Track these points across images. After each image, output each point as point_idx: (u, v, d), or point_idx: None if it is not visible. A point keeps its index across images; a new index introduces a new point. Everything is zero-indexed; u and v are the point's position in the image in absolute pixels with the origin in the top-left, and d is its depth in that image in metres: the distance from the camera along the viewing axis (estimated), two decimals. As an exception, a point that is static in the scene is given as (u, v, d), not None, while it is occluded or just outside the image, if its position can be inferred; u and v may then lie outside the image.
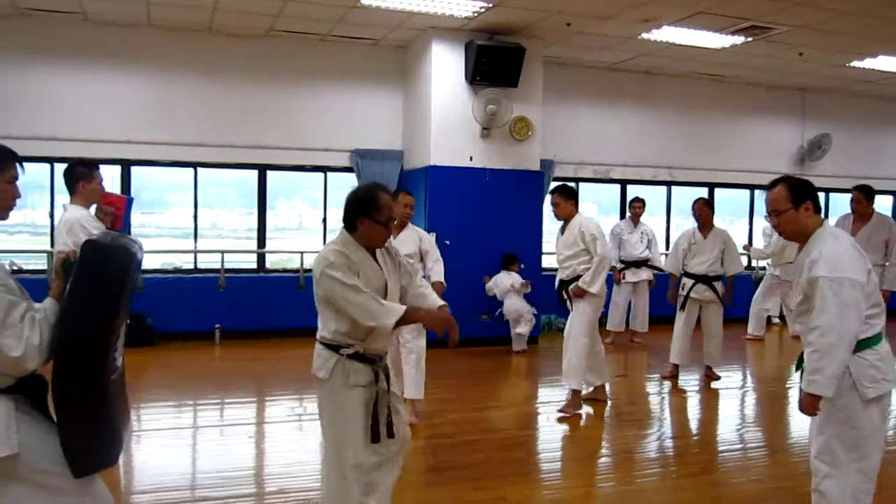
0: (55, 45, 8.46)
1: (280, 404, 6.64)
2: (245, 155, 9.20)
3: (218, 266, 9.12)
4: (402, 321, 3.21)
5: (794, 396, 7.31)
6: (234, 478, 4.58)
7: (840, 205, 12.52)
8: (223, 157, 9.14)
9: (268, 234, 9.66)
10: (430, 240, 6.11)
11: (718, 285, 7.41)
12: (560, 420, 6.05)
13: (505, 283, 8.93)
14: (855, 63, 10.09)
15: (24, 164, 2.48)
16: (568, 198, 6.17)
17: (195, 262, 9.41)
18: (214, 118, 9.03)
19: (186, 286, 9.00)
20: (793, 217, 3.28)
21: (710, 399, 7.09)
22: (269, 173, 9.51)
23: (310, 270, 9.39)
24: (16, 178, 2.46)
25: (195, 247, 9.28)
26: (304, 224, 10.94)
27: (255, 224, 9.63)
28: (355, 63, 9.51)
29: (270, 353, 8.45)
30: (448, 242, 8.78)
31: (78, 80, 8.57)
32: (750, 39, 8.86)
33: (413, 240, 5.90)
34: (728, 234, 7.51)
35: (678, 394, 7.21)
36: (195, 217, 9.25)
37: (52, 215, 8.57)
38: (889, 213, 13.10)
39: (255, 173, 9.44)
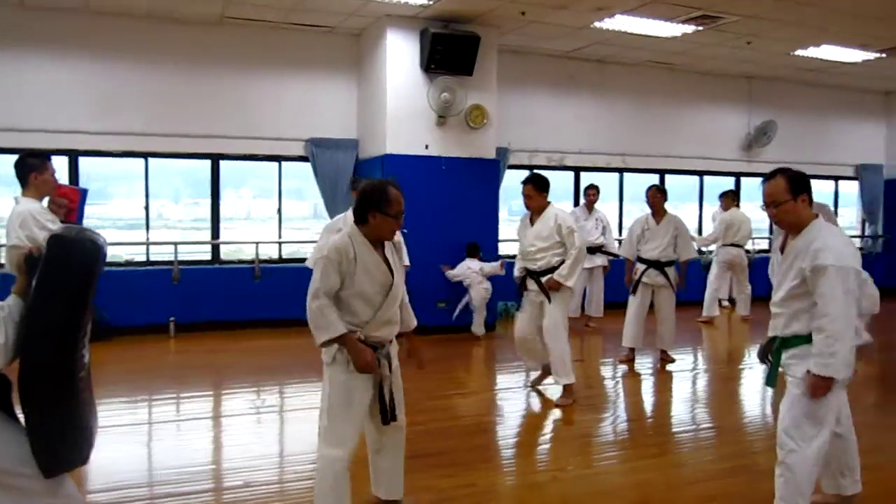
0: (-5, 30, 8.19)
1: (239, 397, 6.57)
2: (197, 144, 9.04)
3: (170, 258, 8.96)
4: (337, 342, 3.39)
5: (746, 377, 7.56)
6: (198, 473, 4.53)
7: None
8: (174, 146, 8.96)
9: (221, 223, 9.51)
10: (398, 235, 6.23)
11: (671, 271, 7.55)
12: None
13: (473, 268, 8.94)
14: (800, 52, 10.35)
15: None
16: (541, 190, 6.05)
17: (147, 255, 9.22)
18: (165, 107, 8.84)
19: (139, 279, 8.83)
20: (792, 208, 3.40)
21: (665, 381, 7.24)
22: (222, 163, 9.36)
23: (264, 261, 9.40)
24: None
25: (147, 238, 9.09)
26: (256, 214, 10.83)
27: (204, 214, 9.48)
28: (309, 51, 9.41)
29: (227, 346, 8.35)
30: (406, 231, 8.72)
31: (18, 67, 8.30)
32: (700, 28, 9.02)
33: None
34: (680, 221, 7.64)
35: (634, 377, 7.35)
36: (146, 208, 9.06)
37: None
38: (830, 200, 13.53)
39: (206, 163, 9.28)
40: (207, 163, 9.28)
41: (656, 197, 7.52)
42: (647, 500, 4.25)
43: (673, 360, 7.69)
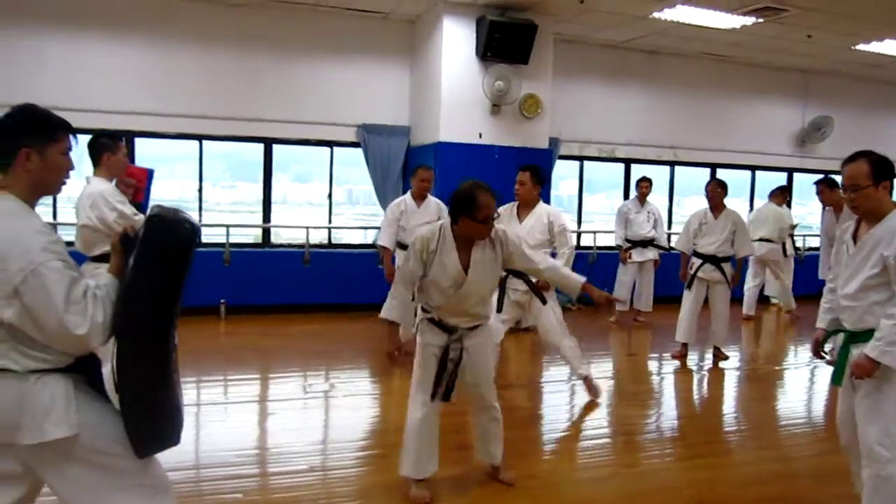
0: (54, 10, 8.27)
1: (290, 381, 6.59)
2: (250, 128, 9.08)
3: (222, 240, 9.04)
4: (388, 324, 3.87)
5: (793, 376, 7.44)
6: (245, 455, 4.57)
7: (839, 187, 12.58)
8: (228, 129, 9.01)
9: (272, 207, 9.57)
10: (446, 209, 6.23)
11: (727, 266, 7.43)
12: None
13: None
14: (861, 46, 10.10)
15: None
16: (537, 181, 5.82)
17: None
18: (218, 90, 8.89)
19: (191, 260, 8.91)
20: (872, 194, 3.24)
21: (718, 378, 7.15)
22: (275, 147, 9.41)
23: (315, 246, 9.45)
24: (69, 149, 2.40)
25: (199, 220, 9.17)
26: (309, 199, 10.88)
27: (257, 197, 9.54)
28: (363, 36, 9.39)
29: (277, 329, 8.41)
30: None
31: (75, 48, 8.39)
32: (761, 20, 8.83)
33: (433, 210, 6.85)
34: (739, 216, 7.51)
35: (687, 373, 7.26)
36: (199, 190, 9.15)
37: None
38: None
39: (259, 146, 9.33)
40: (260, 146, 9.32)
41: (716, 191, 7.39)
42: (704, 498, 4.17)
43: (727, 357, 7.58)
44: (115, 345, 2.26)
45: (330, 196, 9.70)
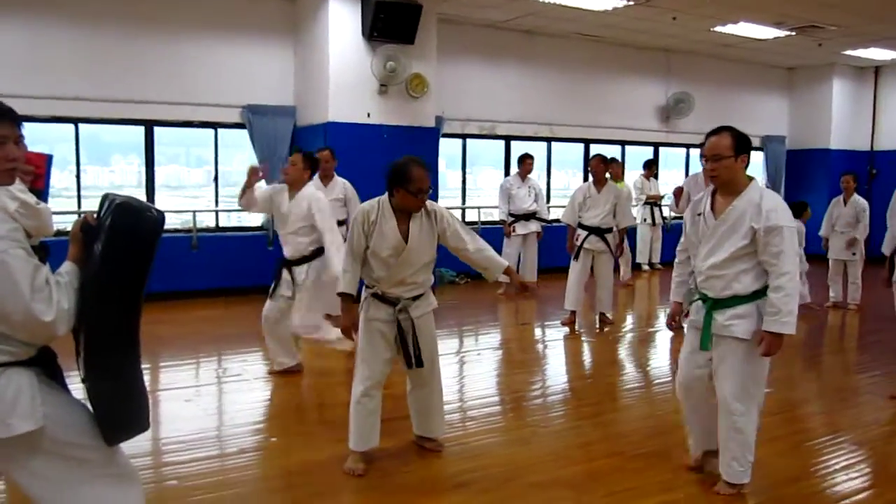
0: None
1: (181, 369, 6.50)
2: (130, 110, 8.76)
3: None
4: (342, 297, 4.04)
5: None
6: (181, 442, 4.57)
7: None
8: (106, 111, 8.65)
9: (156, 192, 9.29)
10: (352, 189, 7.34)
11: (610, 237, 7.90)
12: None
13: None
14: (718, 28, 10.87)
15: None
16: (308, 166, 5.66)
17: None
18: (96, 71, 8.50)
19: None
20: (731, 165, 3.48)
21: (606, 343, 7.64)
22: (157, 129, 9.11)
23: (202, 230, 9.26)
24: (20, 138, 2.35)
25: (78, 207, 8.80)
26: (192, 181, 10.62)
27: (139, 181, 9.25)
28: (244, 15, 9.23)
29: (170, 317, 8.21)
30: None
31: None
32: (631, 3, 9.35)
33: (339, 188, 7.35)
34: (620, 190, 7.99)
35: (576, 338, 7.71)
36: (77, 176, 8.75)
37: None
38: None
39: (140, 129, 9.02)
40: (141, 129, 9.01)
41: (599, 166, 7.81)
42: (618, 450, 4.51)
43: (612, 322, 8.10)
44: (84, 335, 2.27)
45: (216, 179, 9.52)
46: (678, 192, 7.72)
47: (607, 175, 7.94)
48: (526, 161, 9.88)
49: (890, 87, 14.52)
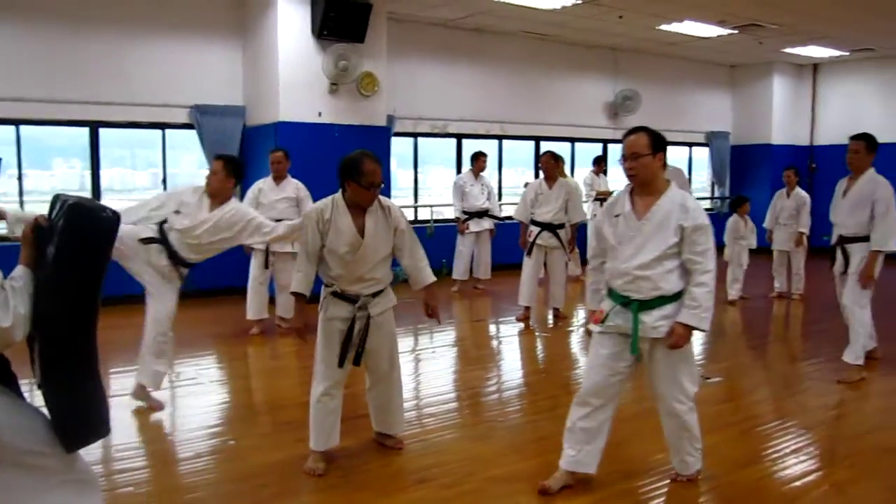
0: None
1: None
2: (74, 111, 8.54)
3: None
4: (295, 297, 4.02)
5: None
6: (135, 448, 4.50)
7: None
8: (49, 112, 8.42)
9: (102, 196, 9.09)
10: (305, 190, 7.32)
11: (563, 233, 7.97)
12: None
13: None
14: (664, 26, 11.07)
15: None
16: (231, 174, 5.22)
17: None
18: (39, 70, 8.26)
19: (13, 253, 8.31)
20: (649, 163, 3.51)
21: (560, 337, 7.74)
22: (102, 130, 8.91)
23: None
24: None
25: (22, 210, 8.55)
26: (139, 184, 10.42)
27: (82, 185, 9.04)
28: (190, 14, 9.08)
29: (118, 321, 8.00)
30: (301, 198, 8.78)
31: None
32: (580, 2, 9.47)
33: (291, 188, 7.29)
34: (572, 186, 8.08)
35: (530, 333, 7.79)
36: (20, 178, 8.51)
37: None
38: (685, 165, 14.61)
39: (85, 130, 8.81)
40: (85, 130, 8.81)
41: (549, 163, 7.86)
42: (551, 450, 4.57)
43: (566, 317, 8.20)
44: (39, 340, 2.22)
45: (164, 181, 9.36)
46: None
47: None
48: (479, 159, 9.94)
49: (828, 84, 14.99)
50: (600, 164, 12.28)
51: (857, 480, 4.02)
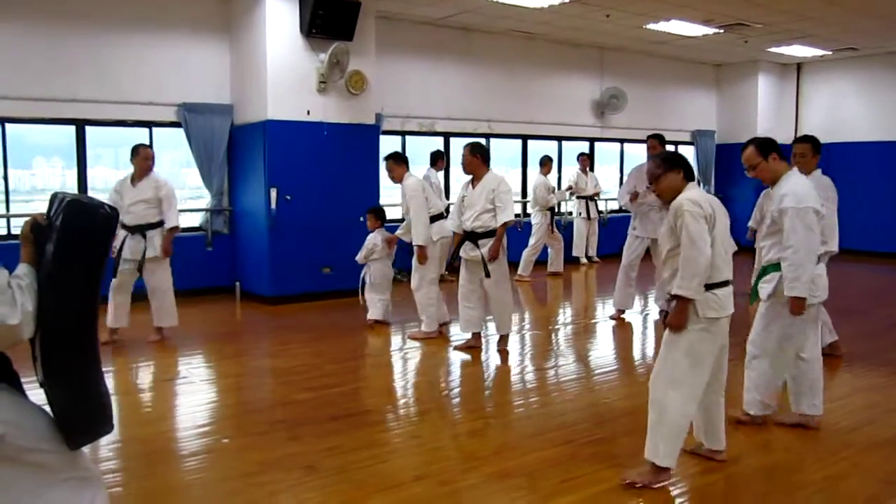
0: None
1: (141, 370, 6.40)
2: (60, 109, 8.46)
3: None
4: None
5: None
6: (122, 447, 4.47)
7: (633, 154, 13.85)
8: (35, 111, 8.34)
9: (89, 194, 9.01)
10: (167, 188, 6.84)
11: (488, 243, 6.34)
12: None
13: (377, 242, 7.62)
14: (650, 25, 11.12)
15: None
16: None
17: (8, 229, 8.59)
18: (24, 68, 8.17)
19: (13, 253, 8.23)
20: (765, 167, 4.20)
21: (548, 336, 7.76)
22: (88, 129, 8.83)
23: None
24: None
25: (7, 210, 8.49)
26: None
27: (68, 183, 8.95)
28: (178, 11, 9.02)
29: (104, 320, 7.98)
30: (289, 198, 8.77)
31: None
32: (567, 1, 9.50)
33: (150, 187, 6.77)
34: (498, 180, 6.41)
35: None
36: (5, 178, 8.42)
37: None
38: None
39: (71, 129, 8.73)
40: (71, 129, 8.73)
41: (467, 157, 6.41)
42: (572, 438, 4.61)
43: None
44: (41, 337, 2.21)
45: (153, 179, 9.28)
46: (635, 196, 7.79)
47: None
48: (440, 160, 9.93)
49: (811, 83, 15.12)
50: (585, 160, 12.32)
51: (850, 475, 4.07)
